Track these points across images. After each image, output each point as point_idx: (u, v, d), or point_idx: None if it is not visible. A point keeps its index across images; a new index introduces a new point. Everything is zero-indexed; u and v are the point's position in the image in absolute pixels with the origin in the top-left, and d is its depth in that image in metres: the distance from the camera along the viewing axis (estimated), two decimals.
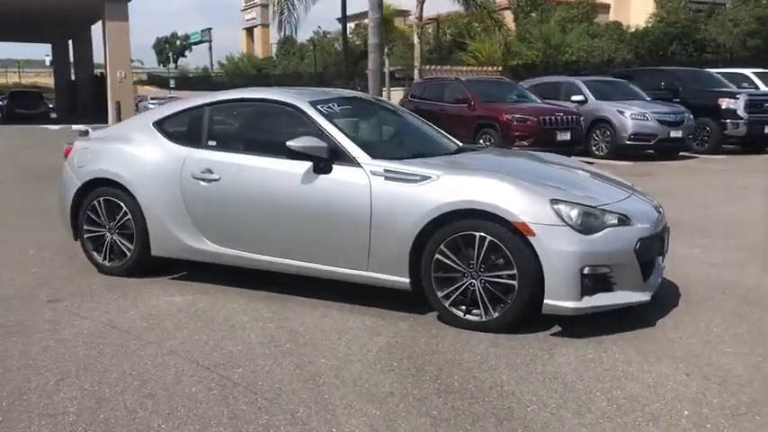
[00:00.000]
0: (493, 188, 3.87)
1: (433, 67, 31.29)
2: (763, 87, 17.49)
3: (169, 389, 3.19)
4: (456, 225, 3.90)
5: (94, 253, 5.14)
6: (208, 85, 74.25)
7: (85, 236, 5.14)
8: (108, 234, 5.05)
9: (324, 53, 61.59)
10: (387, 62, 34.15)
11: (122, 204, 4.93)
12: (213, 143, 4.78)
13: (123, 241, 4.99)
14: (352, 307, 4.34)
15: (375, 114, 5.14)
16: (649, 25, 44.09)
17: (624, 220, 3.90)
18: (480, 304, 3.89)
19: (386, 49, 34.41)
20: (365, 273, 4.22)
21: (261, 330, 3.97)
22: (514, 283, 3.79)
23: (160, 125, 5.00)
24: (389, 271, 4.14)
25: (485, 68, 37.16)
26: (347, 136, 4.36)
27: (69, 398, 3.09)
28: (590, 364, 3.47)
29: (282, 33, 20.54)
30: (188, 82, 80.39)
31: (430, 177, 4.01)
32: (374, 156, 4.27)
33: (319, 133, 4.38)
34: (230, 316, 4.21)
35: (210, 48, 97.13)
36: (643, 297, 3.94)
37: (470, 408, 3.00)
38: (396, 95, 29.48)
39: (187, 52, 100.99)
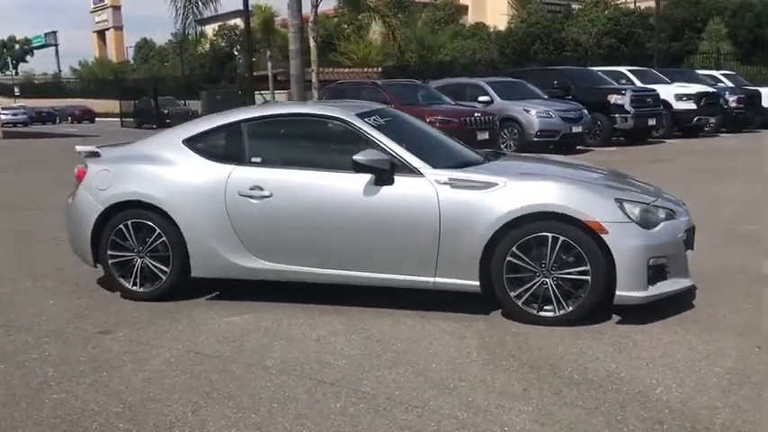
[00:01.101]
0: (563, 191, 4.18)
1: (310, 69, 31.49)
2: (638, 83, 19.15)
3: (313, 407, 3.21)
4: (527, 228, 4.16)
5: (121, 279, 4.92)
6: (60, 92, 69.88)
7: (110, 261, 4.91)
8: (137, 258, 4.86)
9: (189, 56, 59.79)
10: (269, 65, 33.95)
11: (154, 226, 4.77)
12: (258, 159, 4.73)
13: (156, 264, 4.83)
14: (413, 313, 4.48)
15: (409, 126, 5.27)
16: (512, 26, 46.55)
17: (671, 214, 4.32)
18: (553, 300, 4.18)
19: (267, 53, 34.22)
20: (432, 279, 4.38)
21: (350, 343, 4.03)
22: (587, 278, 4.10)
23: (192, 143, 4.88)
24: (458, 275, 4.33)
25: (365, 70, 37.81)
26: (404, 147, 4.50)
27: (235, 426, 3.05)
28: (674, 345, 3.85)
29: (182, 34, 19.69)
30: (35, 89, 75.20)
31: (497, 184, 4.25)
32: (434, 165, 4.44)
33: (375, 146, 4.48)
34: (307, 331, 4.23)
35: (57, 52, 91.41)
36: (688, 283, 4.39)
37: (608, 395, 3.27)
38: (280, 98, 29.33)
39: (28, 57, 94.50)
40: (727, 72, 23.97)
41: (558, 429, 2.97)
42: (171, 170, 4.81)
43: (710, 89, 19.25)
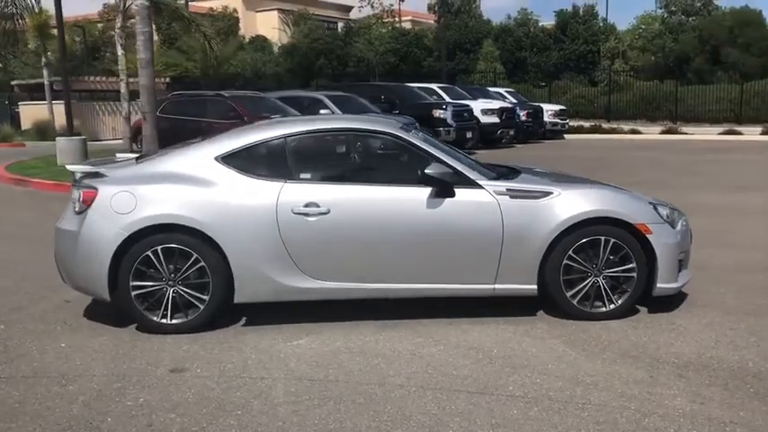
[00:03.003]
0: (612, 198, 4.66)
1: (78, 77, 29.42)
2: (447, 99, 20.73)
3: (500, 416, 3.29)
4: (582, 232, 4.56)
5: (147, 313, 4.44)
6: None
7: (134, 293, 4.41)
8: (166, 288, 4.43)
9: None
10: (45, 73, 30.63)
11: (190, 251, 4.38)
12: (307, 176, 4.56)
13: (191, 292, 4.43)
14: (468, 320, 4.65)
15: (434, 141, 5.32)
16: (295, 41, 47.21)
17: (680, 213, 5.00)
18: (604, 297, 4.62)
19: (43, 59, 30.88)
20: (492, 285, 4.60)
21: (445, 355, 4.08)
22: (633, 275, 4.60)
23: (228, 160, 4.55)
24: (518, 281, 4.60)
25: (133, 79, 35.74)
26: (459, 160, 4.66)
27: None
28: (713, 325, 4.49)
29: None
30: None
31: (552, 193, 4.59)
32: (486, 177, 4.66)
33: (433, 159, 4.58)
34: (391, 347, 4.20)
35: None
36: (690, 274, 5.09)
37: (717, 372, 3.76)
38: (58, 109, 26.75)
39: None
40: (509, 89, 26.77)
41: (714, 407, 3.37)
42: (209, 190, 4.45)
43: (509, 105, 21.43)
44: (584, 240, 4.56)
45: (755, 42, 35.36)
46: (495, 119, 20.23)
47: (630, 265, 4.60)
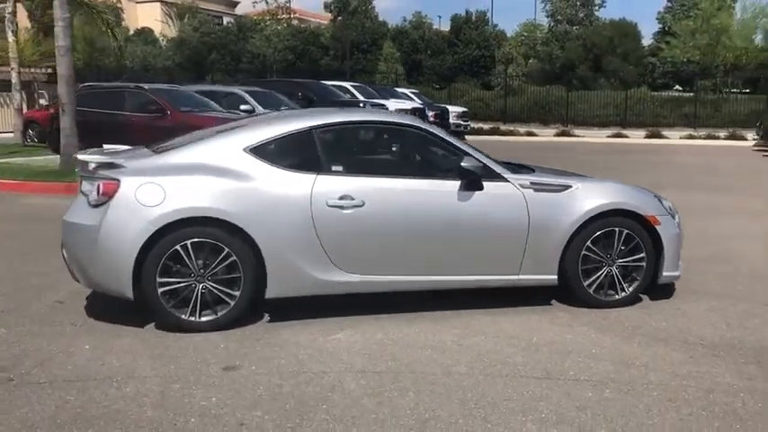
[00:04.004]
0: (624, 191, 4.92)
1: None
2: (360, 97, 20.86)
3: (573, 397, 3.41)
4: (599, 224, 4.78)
5: (174, 310, 4.22)
6: None
7: (160, 290, 4.18)
8: (195, 284, 4.23)
9: None
10: None
11: (222, 245, 4.22)
12: (339, 168, 4.49)
13: (221, 288, 4.26)
14: (485, 311, 4.73)
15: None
16: (185, 35, 45.73)
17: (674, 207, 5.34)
18: (617, 285, 4.87)
19: None
20: (516, 276, 4.74)
21: (490, 344, 4.16)
22: (643, 264, 4.88)
23: (257, 151, 4.40)
24: (540, 272, 4.76)
25: (30, 70, 33.37)
26: (483, 155, 4.75)
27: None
28: (714, 309, 4.84)
29: None
30: None
31: (571, 186, 4.79)
32: (510, 171, 4.79)
33: (461, 153, 4.65)
34: (441, 338, 4.23)
35: None
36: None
37: (743, 351, 4.08)
38: None
39: None
40: (413, 90, 27.28)
41: (761, 382, 3.67)
42: (241, 182, 4.29)
43: (419, 105, 21.83)
44: (600, 232, 4.78)
45: (632, 52, 38.09)
46: None
47: (641, 255, 4.87)
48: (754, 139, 24.12)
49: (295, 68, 40.08)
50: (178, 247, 4.16)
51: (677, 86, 41.68)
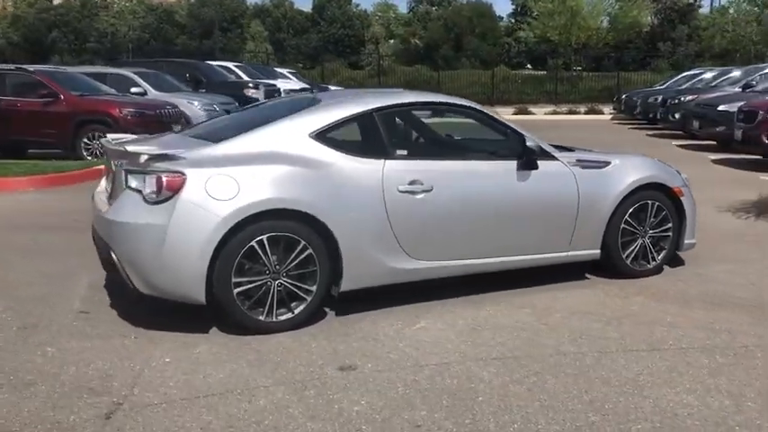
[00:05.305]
0: (654, 166, 5.14)
1: None
2: (245, 77, 20.13)
3: (694, 364, 3.55)
4: (635, 197, 4.96)
5: (249, 312, 3.89)
6: None
7: (235, 291, 3.83)
8: (269, 281, 3.92)
9: None
10: None
11: (298, 238, 3.94)
12: (404, 152, 4.31)
13: (297, 284, 3.99)
14: (531, 289, 4.77)
15: None
16: (18, 11, 41.85)
17: None
18: (649, 255, 5.10)
19: None
20: (566, 253, 4.83)
21: (573, 322, 4.20)
22: (669, 234, 5.15)
23: (321, 137, 4.11)
24: (586, 247, 4.88)
25: None
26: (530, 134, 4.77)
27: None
28: (737, 270, 5.21)
29: None
30: None
31: (611, 162, 4.93)
32: (557, 149, 4.85)
33: (509, 133, 4.64)
34: (517, 320, 4.22)
35: None
36: None
37: None
38: None
39: None
40: (291, 71, 26.78)
41: None
42: (311, 170, 4.00)
43: (306, 85, 21.48)
44: (636, 205, 4.97)
45: (490, 32, 39.68)
46: None
47: (668, 225, 5.12)
48: (611, 113, 26.13)
49: (151, 48, 37.96)
50: (254, 242, 3.83)
51: (528, 65, 44.03)
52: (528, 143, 4.51)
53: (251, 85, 17.59)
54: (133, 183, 3.87)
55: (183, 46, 41.83)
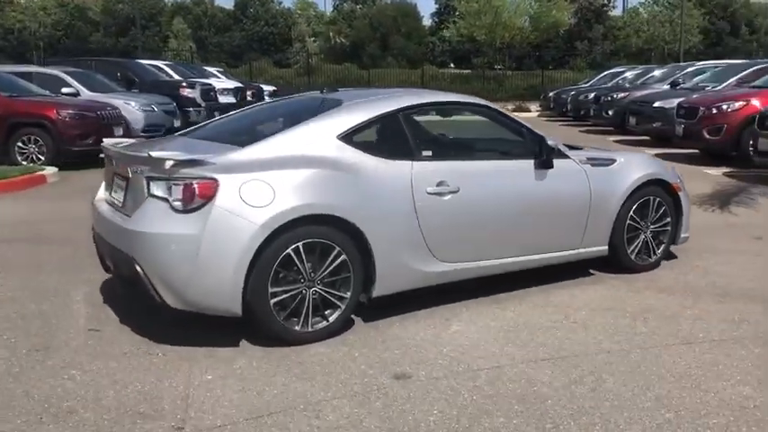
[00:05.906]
0: (653, 163, 5.26)
1: None
2: (176, 76, 19.47)
3: (734, 356, 3.64)
4: (639, 194, 5.07)
5: (285, 324, 3.72)
6: None
7: (272, 301, 3.66)
8: (304, 290, 3.77)
9: None
10: None
11: (333, 244, 3.80)
12: (429, 153, 4.22)
13: (332, 291, 3.85)
14: (546, 287, 4.81)
15: None
16: None
17: None
18: (651, 250, 5.22)
19: None
20: (577, 251, 4.88)
21: (602, 319, 4.23)
22: (668, 228, 5.28)
23: (349, 139, 3.98)
24: (595, 243, 4.94)
25: None
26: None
27: None
28: (744, 264, 5.40)
29: None
30: None
31: (616, 160, 5.02)
32: (569, 148, 4.89)
33: (525, 133, 4.65)
34: (548, 320, 4.21)
35: None
36: None
37: None
38: None
39: None
40: (219, 69, 26.12)
41: None
42: (342, 173, 3.86)
43: (240, 84, 20.97)
44: (640, 201, 5.07)
45: (415, 32, 39.99)
46: (231, 98, 19.55)
47: (668, 220, 5.26)
48: (538, 111, 26.90)
49: (64, 47, 36.24)
50: (290, 250, 3.66)
51: (452, 65, 44.63)
52: (549, 142, 4.52)
53: (185, 84, 17.00)
54: (157, 190, 3.63)
55: (98, 44, 40.25)
